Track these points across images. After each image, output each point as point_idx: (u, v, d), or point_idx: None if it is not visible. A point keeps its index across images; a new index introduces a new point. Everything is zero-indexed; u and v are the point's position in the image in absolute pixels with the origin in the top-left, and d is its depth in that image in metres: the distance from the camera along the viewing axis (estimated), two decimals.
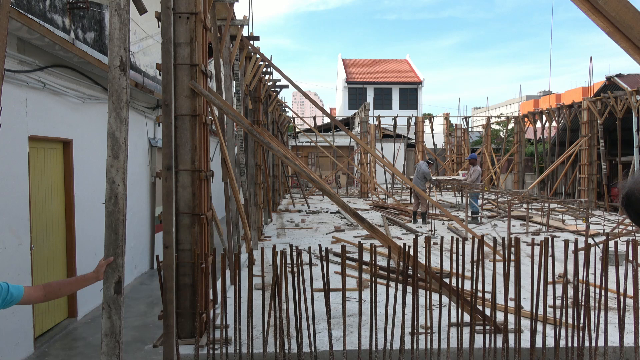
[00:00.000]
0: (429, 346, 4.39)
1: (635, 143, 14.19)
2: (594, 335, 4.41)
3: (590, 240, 4.98)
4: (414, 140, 26.53)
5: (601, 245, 6.06)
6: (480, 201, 14.09)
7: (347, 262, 7.33)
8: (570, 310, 4.45)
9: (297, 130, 26.50)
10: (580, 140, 17.09)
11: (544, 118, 20.73)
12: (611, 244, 7.88)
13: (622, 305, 4.29)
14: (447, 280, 5.67)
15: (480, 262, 4.49)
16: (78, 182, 6.62)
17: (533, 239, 4.84)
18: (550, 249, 4.42)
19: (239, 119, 5.40)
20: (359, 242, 4.54)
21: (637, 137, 14.09)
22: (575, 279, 4.34)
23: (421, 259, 7.14)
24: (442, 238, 6.68)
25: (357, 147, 24.32)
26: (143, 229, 9.17)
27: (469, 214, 12.80)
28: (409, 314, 4.46)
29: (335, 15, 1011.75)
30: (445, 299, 5.40)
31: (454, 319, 4.82)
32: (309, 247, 4.64)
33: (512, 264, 4.48)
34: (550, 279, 4.64)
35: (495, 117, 27.19)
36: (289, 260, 4.42)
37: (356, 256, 7.70)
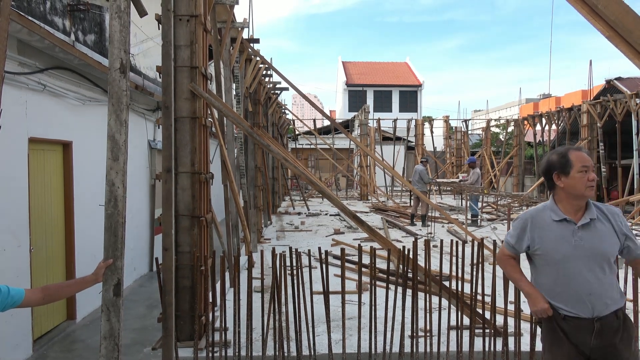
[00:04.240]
0: (428, 349, 4.39)
1: (634, 146, 14.20)
2: None
3: None
4: (413, 143, 26.57)
5: None
6: (480, 204, 14.09)
7: (347, 264, 7.29)
8: None
9: (297, 132, 26.52)
10: (579, 143, 17.10)
11: (544, 121, 20.76)
12: None
13: None
14: (446, 283, 5.66)
15: (480, 265, 4.49)
16: (78, 184, 6.62)
17: None
18: None
19: (239, 122, 5.41)
20: (359, 244, 4.54)
21: (637, 140, 14.11)
22: None
23: (421, 261, 7.12)
24: (441, 241, 6.67)
25: (356, 150, 24.33)
26: (142, 231, 9.16)
27: (469, 216, 12.80)
28: (409, 317, 4.46)
29: (337, 17, 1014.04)
30: (445, 302, 5.39)
31: (453, 322, 4.81)
32: (309, 250, 4.65)
33: None
34: None
35: (494, 120, 27.23)
36: (288, 263, 4.41)
37: (356, 259, 7.67)
